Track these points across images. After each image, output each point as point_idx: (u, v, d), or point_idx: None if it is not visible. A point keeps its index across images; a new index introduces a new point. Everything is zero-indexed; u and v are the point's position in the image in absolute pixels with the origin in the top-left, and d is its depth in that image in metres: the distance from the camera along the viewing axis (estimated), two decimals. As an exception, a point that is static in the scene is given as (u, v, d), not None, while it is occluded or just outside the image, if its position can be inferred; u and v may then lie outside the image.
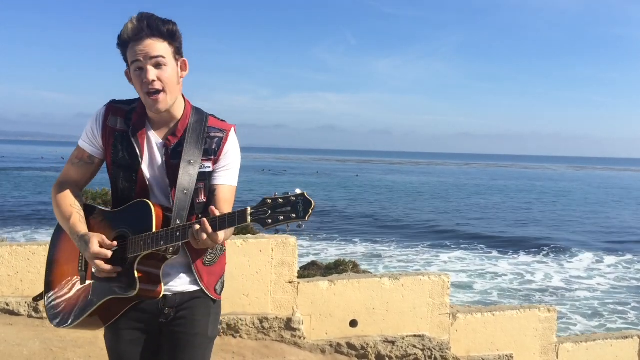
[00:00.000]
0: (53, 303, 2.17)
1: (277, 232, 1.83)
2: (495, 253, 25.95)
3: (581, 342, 6.06)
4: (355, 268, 12.17)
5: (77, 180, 2.17)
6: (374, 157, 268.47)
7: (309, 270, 12.33)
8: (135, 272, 1.96)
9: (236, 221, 1.82)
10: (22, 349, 4.16)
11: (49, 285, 2.21)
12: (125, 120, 2.09)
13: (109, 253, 1.96)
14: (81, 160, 2.15)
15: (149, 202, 2.00)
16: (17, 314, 4.65)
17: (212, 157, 2.10)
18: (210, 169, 2.10)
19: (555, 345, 5.80)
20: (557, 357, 5.81)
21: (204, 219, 1.88)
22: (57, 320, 2.14)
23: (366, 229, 32.47)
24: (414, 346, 5.20)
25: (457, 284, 18.53)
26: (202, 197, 2.10)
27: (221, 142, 2.12)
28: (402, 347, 5.17)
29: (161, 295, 2.04)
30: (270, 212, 1.77)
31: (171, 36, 2.00)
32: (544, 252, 26.26)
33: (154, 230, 1.95)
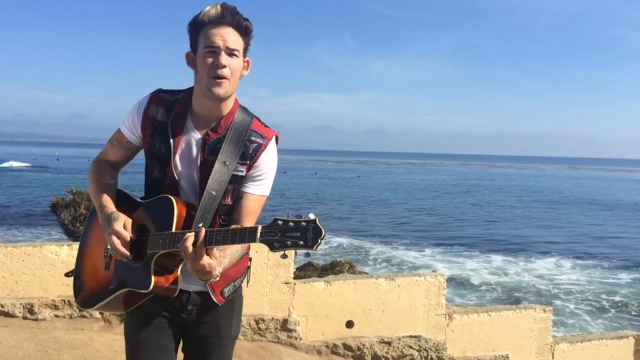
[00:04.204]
0: (79, 283, 2.21)
1: (285, 257, 1.75)
2: (482, 254, 26.14)
3: (577, 342, 6.07)
4: (351, 269, 12.17)
5: (114, 161, 2.21)
6: (370, 157, 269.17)
7: (305, 271, 12.31)
8: (152, 269, 1.96)
9: (246, 238, 1.75)
10: (17, 351, 4.14)
11: (78, 264, 2.24)
12: (166, 111, 2.07)
13: (128, 236, 1.96)
14: (120, 144, 2.17)
15: (172, 199, 1.98)
16: (12, 316, 4.63)
17: (248, 162, 2.07)
18: (243, 174, 2.07)
19: (551, 346, 5.81)
20: (553, 358, 5.82)
21: (204, 229, 1.84)
22: (81, 300, 2.19)
23: (364, 229, 32.62)
24: (410, 347, 5.21)
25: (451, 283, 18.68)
26: (229, 200, 2.08)
27: (259, 149, 2.08)
28: (398, 348, 5.18)
29: (176, 293, 2.04)
30: (279, 234, 1.69)
31: (247, 32, 2.01)
32: (524, 253, 26.46)
33: (173, 229, 1.93)
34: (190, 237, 1.83)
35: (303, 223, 1.69)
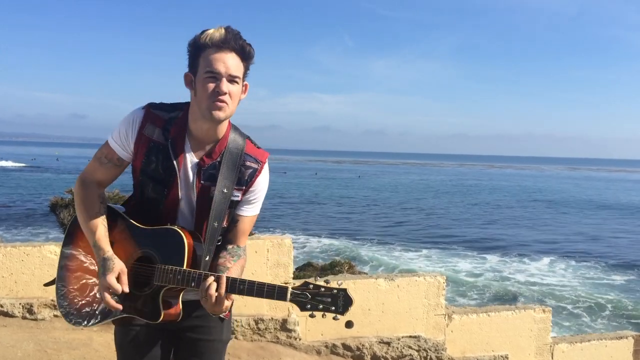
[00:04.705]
0: (69, 303, 2.12)
1: (313, 316, 1.92)
2: (475, 254, 26.16)
3: (576, 342, 6.07)
4: (350, 269, 12.18)
5: (102, 179, 2.13)
6: (369, 157, 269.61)
7: (305, 271, 12.32)
8: (161, 302, 1.96)
9: (274, 296, 1.87)
10: (16, 351, 4.14)
11: (64, 280, 2.15)
12: (162, 132, 2.02)
13: (120, 291, 1.93)
14: (110, 162, 2.10)
15: (181, 233, 1.97)
16: (12, 316, 4.63)
17: (243, 187, 2.09)
18: (239, 199, 2.09)
19: (550, 346, 5.81)
20: (552, 358, 5.82)
21: (224, 277, 1.88)
22: (74, 321, 2.11)
23: (364, 230, 32.64)
24: (410, 347, 5.21)
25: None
26: (225, 223, 2.10)
27: (254, 175, 2.10)
28: (397, 348, 5.18)
29: (180, 317, 2.05)
30: (310, 297, 1.87)
31: (249, 58, 1.99)
32: (520, 254, 26.47)
33: (184, 265, 1.93)
34: (213, 285, 1.86)
35: (334, 291, 1.88)
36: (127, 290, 1.94)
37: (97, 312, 2.06)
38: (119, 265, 1.96)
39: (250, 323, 4.89)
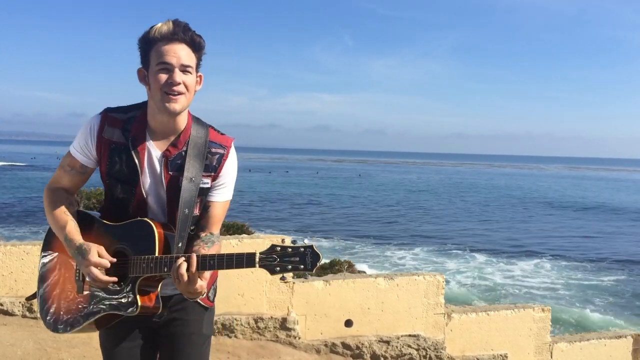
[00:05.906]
0: (48, 309, 2.13)
1: (284, 279, 1.89)
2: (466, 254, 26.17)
3: (575, 341, 6.08)
4: (350, 268, 12.18)
5: (69, 186, 2.15)
6: (369, 157, 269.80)
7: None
8: (137, 292, 1.96)
9: (244, 264, 1.86)
10: (16, 349, 4.15)
11: (44, 289, 2.16)
12: (122, 132, 2.03)
13: (108, 263, 1.94)
14: (73, 169, 2.12)
15: (151, 223, 1.98)
16: (11, 314, 4.63)
17: (212, 173, 2.10)
18: (209, 185, 2.10)
19: (550, 345, 5.82)
20: (552, 357, 5.83)
21: (195, 255, 1.88)
22: (53, 327, 2.11)
23: (367, 230, 32.71)
24: (409, 346, 5.21)
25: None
26: (197, 211, 2.10)
27: (222, 159, 2.11)
28: (397, 347, 5.18)
29: (160, 310, 2.05)
30: (278, 259, 1.85)
31: (199, 49, 2.01)
32: (511, 254, 26.43)
33: (156, 253, 1.94)
34: (183, 265, 1.86)
35: (301, 249, 1.85)
36: (113, 260, 1.96)
37: (78, 317, 2.06)
38: (94, 246, 1.97)
39: (250, 322, 4.89)
